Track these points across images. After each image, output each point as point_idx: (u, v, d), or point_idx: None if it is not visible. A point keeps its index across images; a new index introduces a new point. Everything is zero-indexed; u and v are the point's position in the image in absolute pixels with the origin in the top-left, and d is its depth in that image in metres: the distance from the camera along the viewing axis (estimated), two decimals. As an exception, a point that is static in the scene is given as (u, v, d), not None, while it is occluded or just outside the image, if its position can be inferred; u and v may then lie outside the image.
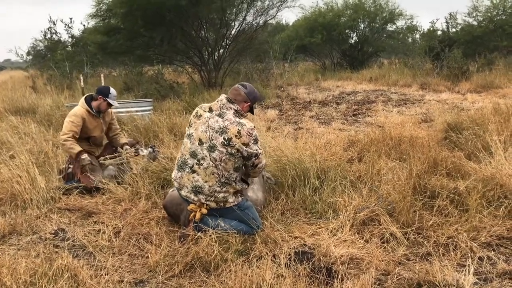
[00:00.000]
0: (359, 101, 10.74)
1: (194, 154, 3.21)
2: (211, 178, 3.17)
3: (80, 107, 4.75)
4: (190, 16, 12.00)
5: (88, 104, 4.77)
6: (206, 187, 3.18)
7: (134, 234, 3.29)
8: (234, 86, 3.43)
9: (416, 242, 3.11)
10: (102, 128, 4.94)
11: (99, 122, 4.88)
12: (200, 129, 3.22)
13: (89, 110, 4.75)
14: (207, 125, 3.21)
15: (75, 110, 4.73)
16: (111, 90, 4.84)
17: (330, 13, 20.20)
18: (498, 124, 5.27)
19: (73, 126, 4.62)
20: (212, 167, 3.16)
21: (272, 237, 3.12)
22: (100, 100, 4.78)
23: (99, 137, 4.96)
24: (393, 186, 3.68)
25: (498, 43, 16.99)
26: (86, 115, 4.72)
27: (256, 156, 3.25)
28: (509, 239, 3.09)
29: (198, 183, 3.19)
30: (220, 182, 3.19)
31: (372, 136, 5.38)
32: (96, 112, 4.81)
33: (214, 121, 3.20)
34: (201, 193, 3.20)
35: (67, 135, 4.56)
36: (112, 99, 4.81)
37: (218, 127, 3.17)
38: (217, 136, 3.15)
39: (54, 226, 3.54)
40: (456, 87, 12.42)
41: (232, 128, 3.15)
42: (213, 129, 3.18)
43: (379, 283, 2.59)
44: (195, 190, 3.21)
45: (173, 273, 2.75)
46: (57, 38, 17.96)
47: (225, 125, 3.16)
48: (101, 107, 4.82)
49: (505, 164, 3.98)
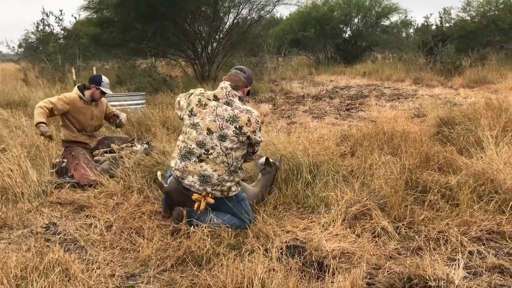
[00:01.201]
0: (353, 96, 10.76)
1: (202, 143, 3.16)
2: (220, 167, 3.16)
3: (73, 93, 4.78)
4: (182, 9, 11.93)
5: (80, 91, 4.78)
6: (215, 176, 3.16)
7: (126, 228, 3.28)
8: (232, 72, 3.38)
9: (407, 236, 3.12)
10: (93, 115, 4.89)
11: (90, 109, 4.85)
12: (208, 118, 3.18)
13: (81, 96, 4.76)
14: (215, 114, 3.18)
15: (67, 94, 4.79)
16: (103, 78, 4.81)
17: (324, 7, 20.17)
18: (490, 119, 5.30)
19: (58, 100, 4.62)
20: (223, 156, 3.15)
21: (264, 231, 3.12)
22: (93, 89, 4.77)
23: (88, 125, 4.89)
24: (385, 181, 3.70)
25: (491, 38, 17.07)
26: (76, 100, 4.73)
27: (259, 144, 3.36)
28: (499, 234, 3.12)
29: (206, 172, 3.15)
30: (230, 171, 3.19)
31: (365, 131, 5.39)
32: (90, 101, 4.81)
33: (223, 109, 3.19)
34: (208, 182, 3.16)
35: (44, 103, 4.55)
36: (104, 87, 4.78)
37: (228, 115, 3.17)
38: (228, 125, 3.15)
39: (45, 220, 3.52)
40: (449, 82, 12.47)
41: (243, 116, 3.17)
42: (223, 118, 3.16)
43: (370, 277, 2.60)
44: (203, 179, 3.16)
45: (165, 267, 2.75)
46: (49, 30, 17.81)
47: (235, 114, 3.17)
48: (94, 96, 4.80)
49: (496, 159, 4.01)
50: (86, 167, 4.43)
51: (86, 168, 4.42)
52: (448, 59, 13.81)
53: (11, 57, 26.16)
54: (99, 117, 5.01)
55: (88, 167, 4.45)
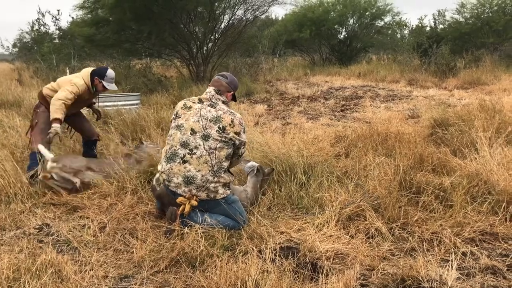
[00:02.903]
0: (347, 97, 10.78)
1: (186, 144, 3.22)
2: (204, 167, 3.19)
3: (83, 83, 4.57)
4: (178, 9, 11.91)
5: (91, 80, 4.61)
6: (198, 177, 3.18)
7: (119, 229, 3.27)
8: (215, 78, 3.53)
9: (401, 237, 3.13)
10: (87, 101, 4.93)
11: (91, 96, 4.84)
12: (192, 119, 3.27)
13: (90, 87, 4.62)
14: (199, 115, 3.28)
15: (78, 82, 4.53)
16: (108, 72, 4.62)
17: (319, 8, 20.19)
18: (484, 120, 5.32)
19: (71, 95, 4.43)
20: (206, 155, 3.19)
21: (258, 233, 3.12)
22: (96, 81, 4.61)
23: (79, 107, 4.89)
24: (379, 182, 3.71)
25: (485, 40, 17.14)
26: (84, 92, 4.58)
27: (244, 145, 3.40)
28: (492, 235, 3.13)
29: (190, 173, 3.19)
30: (213, 171, 3.21)
31: (359, 132, 5.40)
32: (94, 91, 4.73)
33: (207, 111, 3.29)
34: (193, 183, 3.19)
35: (62, 101, 4.38)
36: (108, 81, 4.61)
37: (212, 116, 3.26)
38: (212, 125, 3.23)
39: (38, 221, 3.50)
40: (443, 83, 12.52)
41: (226, 117, 3.27)
42: (207, 118, 3.26)
43: (364, 278, 2.60)
44: (187, 180, 3.20)
45: (158, 268, 2.74)
46: (44, 30, 17.72)
47: (218, 115, 3.27)
48: (97, 88, 4.66)
49: (489, 160, 4.03)
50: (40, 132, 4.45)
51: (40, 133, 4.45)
52: (442, 60, 13.87)
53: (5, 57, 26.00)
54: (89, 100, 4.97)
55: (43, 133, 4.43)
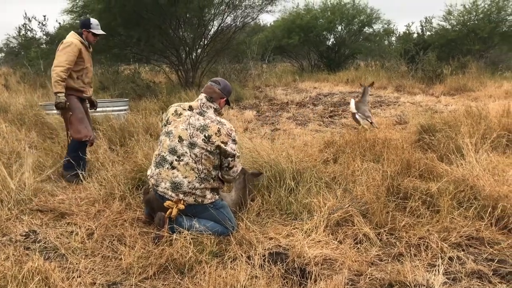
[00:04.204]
0: (336, 103, 10.84)
1: (174, 150, 3.23)
2: (190, 174, 3.19)
3: (74, 38, 4.66)
4: (168, 15, 11.91)
5: (80, 35, 4.72)
6: (185, 183, 3.19)
7: (107, 236, 3.26)
8: (207, 84, 3.50)
9: (389, 242, 3.16)
10: (91, 61, 4.93)
11: (89, 55, 4.87)
12: (181, 126, 3.27)
13: (82, 41, 4.71)
14: (187, 123, 3.27)
15: (69, 40, 4.62)
16: (92, 20, 4.76)
17: (308, 15, 20.31)
18: (470, 126, 5.39)
19: (70, 56, 4.54)
20: (192, 163, 3.19)
21: (247, 238, 3.12)
22: (85, 33, 4.73)
23: (90, 70, 4.90)
24: (367, 187, 3.73)
25: (471, 47, 17.36)
26: (81, 46, 4.67)
27: (232, 157, 3.31)
28: (478, 240, 3.17)
29: (177, 178, 3.19)
30: (200, 178, 3.21)
31: (347, 138, 5.44)
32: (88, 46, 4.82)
33: (195, 119, 3.28)
34: (180, 189, 3.20)
35: (62, 68, 4.49)
36: (95, 28, 4.75)
37: (199, 125, 3.25)
38: (198, 134, 3.22)
39: (25, 228, 3.47)
40: (430, 90, 12.65)
41: (213, 126, 3.24)
42: (194, 126, 3.25)
43: (352, 283, 2.62)
44: (174, 186, 3.20)
45: (146, 275, 2.73)
46: (31, 35, 17.59)
47: (206, 123, 3.25)
48: (89, 39, 4.78)
49: (475, 166, 4.08)
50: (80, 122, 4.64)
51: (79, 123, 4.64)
52: (429, 67, 14.01)
53: (-9, 62, 25.75)
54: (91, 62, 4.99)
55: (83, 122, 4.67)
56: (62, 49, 4.57)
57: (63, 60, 4.52)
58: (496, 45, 18.08)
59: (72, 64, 4.58)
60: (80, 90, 4.81)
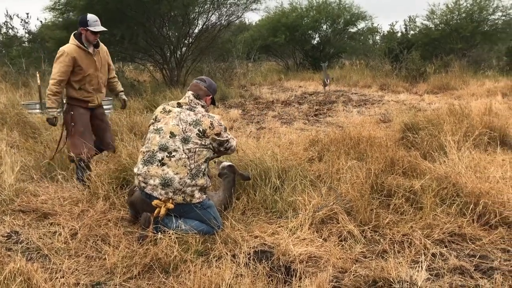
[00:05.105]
0: (321, 102, 10.89)
1: (165, 147, 3.23)
2: (182, 170, 3.19)
3: (69, 44, 4.30)
4: (151, 13, 11.83)
5: (78, 39, 4.32)
6: (176, 179, 3.17)
7: (91, 236, 3.23)
8: (193, 82, 3.55)
9: (373, 239, 3.18)
10: (96, 66, 4.48)
11: (92, 60, 4.44)
12: (171, 122, 3.29)
13: (80, 45, 4.31)
14: (178, 118, 3.30)
15: (62, 48, 4.28)
16: (89, 17, 4.31)
17: (293, 14, 20.36)
18: (453, 124, 5.45)
19: (62, 67, 4.21)
20: (185, 158, 3.20)
21: (232, 237, 3.13)
22: (83, 31, 4.30)
23: (95, 76, 4.48)
24: (352, 185, 3.75)
25: (454, 46, 17.59)
26: (76, 52, 4.28)
27: (227, 142, 3.42)
28: (460, 236, 3.22)
29: (168, 175, 3.18)
30: (191, 174, 3.21)
31: (332, 136, 5.46)
32: (89, 47, 4.39)
33: (186, 114, 3.32)
34: (170, 186, 3.18)
35: (53, 81, 4.21)
36: (93, 25, 4.29)
37: (192, 120, 3.29)
38: (192, 128, 3.25)
39: (6, 229, 3.41)
40: (414, 88, 12.79)
41: (205, 120, 3.30)
42: (186, 122, 3.28)
43: (336, 280, 2.64)
44: (164, 183, 3.18)
45: (131, 274, 2.72)
46: (13, 34, 17.33)
47: (198, 118, 3.30)
48: (88, 38, 4.34)
49: (458, 163, 4.14)
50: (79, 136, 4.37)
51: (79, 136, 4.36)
52: (413, 65, 14.15)
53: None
54: (103, 66, 4.62)
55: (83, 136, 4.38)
56: (56, 59, 4.29)
57: (55, 72, 4.25)
58: (478, 44, 18.37)
59: (65, 76, 4.28)
60: (85, 100, 4.50)
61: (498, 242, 3.13)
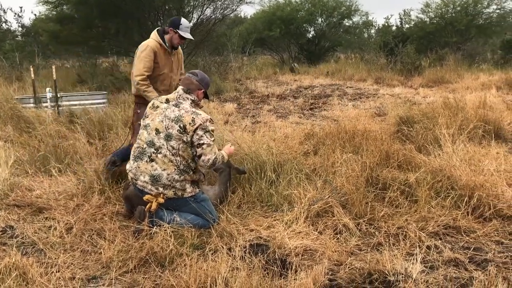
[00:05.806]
0: (316, 95, 10.89)
1: (152, 143, 3.22)
2: (169, 166, 3.18)
3: (152, 39, 4.22)
4: (146, 6, 11.75)
5: (161, 37, 4.24)
6: (164, 176, 3.18)
7: (87, 230, 3.22)
8: (185, 76, 3.50)
9: (368, 232, 3.20)
10: (172, 67, 4.40)
11: (170, 60, 4.35)
12: (157, 119, 3.27)
13: (162, 44, 4.23)
14: (164, 115, 3.27)
15: (145, 43, 4.20)
16: (182, 20, 4.25)
17: (288, 7, 20.29)
18: (447, 118, 5.48)
19: (147, 62, 4.12)
20: (170, 155, 3.18)
21: (228, 231, 3.13)
22: (171, 32, 4.23)
23: (168, 76, 4.39)
24: (347, 178, 3.76)
25: (449, 39, 17.61)
26: (158, 49, 4.21)
27: (201, 146, 3.19)
28: (455, 228, 3.24)
29: (156, 171, 3.18)
30: (179, 169, 3.20)
31: (327, 130, 5.47)
32: (169, 47, 4.30)
33: (171, 111, 3.28)
34: (159, 182, 3.19)
35: (141, 77, 4.11)
36: (183, 30, 4.22)
37: (174, 116, 3.24)
38: (173, 125, 3.21)
39: (1, 223, 3.40)
40: (409, 82, 12.80)
41: (187, 116, 3.23)
42: (169, 118, 3.24)
43: (332, 273, 2.65)
44: (153, 179, 3.19)
45: (127, 268, 2.72)
46: (6, 27, 17.20)
47: (180, 114, 3.24)
48: (173, 41, 4.26)
49: (453, 156, 4.16)
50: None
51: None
52: (408, 59, 14.16)
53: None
54: (177, 69, 4.52)
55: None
56: (139, 54, 4.19)
57: (141, 67, 4.14)
58: (473, 37, 18.39)
59: (151, 71, 4.18)
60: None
61: (492, 234, 3.16)
